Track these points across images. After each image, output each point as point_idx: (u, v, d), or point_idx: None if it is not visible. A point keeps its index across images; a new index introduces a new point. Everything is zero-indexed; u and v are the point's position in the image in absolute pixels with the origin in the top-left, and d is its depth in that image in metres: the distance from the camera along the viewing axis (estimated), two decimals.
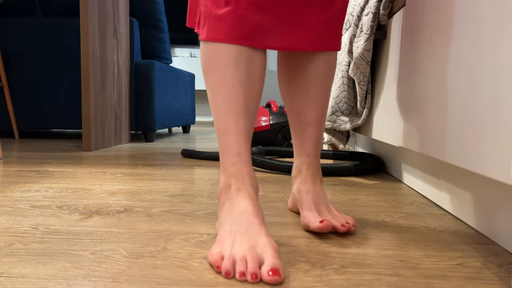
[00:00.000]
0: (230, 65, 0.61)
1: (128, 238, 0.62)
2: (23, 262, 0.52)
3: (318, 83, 0.70)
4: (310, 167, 0.71)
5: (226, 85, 0.61)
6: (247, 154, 0.62)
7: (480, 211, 0.67)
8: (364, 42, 1.13)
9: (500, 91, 0.51)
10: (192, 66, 5.13)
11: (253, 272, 0.47)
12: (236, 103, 0.61)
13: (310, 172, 0.71)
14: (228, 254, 0.50)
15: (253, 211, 0.56)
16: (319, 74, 0.70)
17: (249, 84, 0.62)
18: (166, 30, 2.48)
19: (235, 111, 0.61)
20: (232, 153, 0.61)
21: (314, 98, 0.71)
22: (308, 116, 0.71)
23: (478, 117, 0.57)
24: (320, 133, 0.73)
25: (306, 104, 0.71)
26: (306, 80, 0.70)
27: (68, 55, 2.20)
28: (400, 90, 0.97)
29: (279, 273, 0.47)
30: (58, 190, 0.95)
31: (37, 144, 2.04)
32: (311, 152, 0.72)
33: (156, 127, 2.26)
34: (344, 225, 0.63)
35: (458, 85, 0.64)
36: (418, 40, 0.85)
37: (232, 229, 0.54)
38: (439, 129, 0.72)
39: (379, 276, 0.49)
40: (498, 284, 0.47)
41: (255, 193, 0.60)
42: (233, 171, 0.60)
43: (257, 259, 0.49)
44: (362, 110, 1.24)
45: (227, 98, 0.61)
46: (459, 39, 0.64)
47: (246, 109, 0.62)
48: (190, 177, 1.14)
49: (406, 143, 0.91)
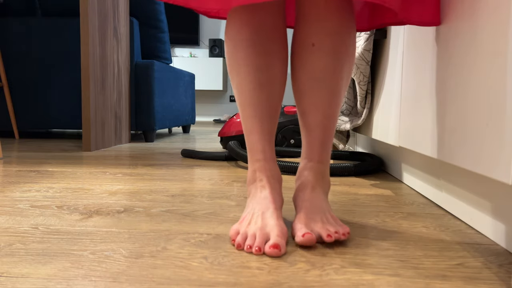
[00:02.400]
0: (249, 65, 0.66)
1: (128, 238, 0.62)
2: (23, 262, 0.52)
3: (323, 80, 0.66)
4: (311, 173, 0.68)
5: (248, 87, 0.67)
6: (270, 152, 0.68)
7: (480, 211, 0.67)
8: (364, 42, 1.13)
9: (500, 91, 0.51)
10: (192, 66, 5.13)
11: (258, 246, 0.56)
12: (260, 105, 0.67)
13: (310, 178, 0.67)
14: (242, 231, 0.59)
15: (271, 198, 0.64)
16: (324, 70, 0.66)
17: (269, 84, 0.67)
18: (166, 30, 2.48)
19: (259, 112, 0.67)
20: (257, 151, 0.68)
21: (319, 97, 0.67)
22: (312, 118, 0.68)
23: (478, 117, 0.57)
24: (326, 137, 0.68)
25: (311, 105, 0.67)
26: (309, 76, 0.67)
27: (68, 55, 2.20)
28: (400, 90, 0.97)
29: (279, 247, 0.55)
30: (58, 190, 0.95)
31: (37, 144, 2.04)
32: (313, 156, 0.68)
33: (156, 127, 2.26)
34: (331, 235, 0.59)
35: (458, 85, 0.64)
36: (418, 40, 0.85)
37: (251, 211, 0.63)
38: (439, 129, 0.72)
39: (379, 276, 0.49)
40: (498, 284, 0.47)
41: (277, 183, 0.67)
42: (258, 166, 0.67)
43: (265, 237, 0.57)
44: (362, 110, 1.24)
45: (250, 100, 0.67)
46: (459, 39, 0.64)
47: (268, 109, 0.67)
48: (190, 177, 1.14)
49: (406, 143, 0.91)
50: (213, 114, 5.64)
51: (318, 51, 0.66)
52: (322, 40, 0.65)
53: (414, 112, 0.86)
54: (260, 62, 0.66)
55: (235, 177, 1.15)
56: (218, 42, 5.19)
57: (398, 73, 0.99)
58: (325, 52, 0.65)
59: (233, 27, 0.67)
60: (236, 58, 0.67)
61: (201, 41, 5.50)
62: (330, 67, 0.66)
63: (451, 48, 0.67)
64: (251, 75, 0.66)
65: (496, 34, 0.53)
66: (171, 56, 4.28)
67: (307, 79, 0.67)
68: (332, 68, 0.66)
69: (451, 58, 0.67)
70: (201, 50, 5.51)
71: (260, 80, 0.66)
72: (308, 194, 0.66)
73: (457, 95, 0.64)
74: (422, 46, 0.82)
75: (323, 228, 0.60)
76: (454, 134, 0.65)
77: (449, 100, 0.68)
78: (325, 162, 0.69)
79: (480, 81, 0.57)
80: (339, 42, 0.66)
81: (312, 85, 0.67)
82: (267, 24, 0.66)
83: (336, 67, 0.66)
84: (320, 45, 0.65)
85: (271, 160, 0.68)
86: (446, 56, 0.69)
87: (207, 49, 5.49)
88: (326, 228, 0.60)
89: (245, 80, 0.67)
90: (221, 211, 0.78)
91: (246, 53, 0.66)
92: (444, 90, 0.70)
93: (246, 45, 0.66)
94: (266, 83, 0.66)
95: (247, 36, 0.66)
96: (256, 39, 0.66)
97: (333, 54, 0.66)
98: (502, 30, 0.52)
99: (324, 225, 0.61)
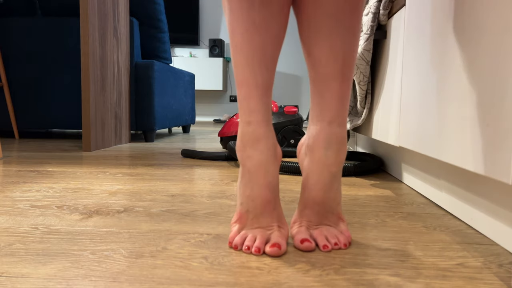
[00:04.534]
0: (243, 3, 0.54)
1: (128, 238, 0.62)
2: (23, 262, 0.52)
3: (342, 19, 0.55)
4: (333, 141, 0.55)
5: (240, 28, 0.54)
6: (263, 112, 0.55)
7: (480, 211, 0.67)
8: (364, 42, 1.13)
9: (501, 90, 0.51)
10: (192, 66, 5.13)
11: (257, 247, 0.54)
12: (252, 50, 0.54)
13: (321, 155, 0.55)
14: (242, 233, 0.57)
15: (267, 195, 0.56)
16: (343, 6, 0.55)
17: (265, 25, 0.54)
18: (166, 30, 2.48)
19: (251, 59, 0.54)
20: (246, 110, 0.55)
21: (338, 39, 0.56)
22: (330, 66, 0.56)
23: (478, 117, 0.57)
24: (345, 91, 0.56)
25: (329, 49, 0.56)
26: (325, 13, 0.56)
27: (68, 55, 2.20)
28: (400, 90, 0.97)
29: (279, 246, 0.53)
30: (58, 190, 0.95)
31: (37, 144, 2.03)
32: (333, 116, 0.55)
33: (156, 127, 2.26)
34: (327, 246, 0.56)
35: (458, 85, 0.64)
36: (418, 40, 0.85)
37: (247, 209, 0.58)
38: (439, 129, 0.72)
39: (379, 276, 0.49)
40: (498, 284, 0.47)
41: (271, 160, 0.56)
42: (247, 131, 0.56)
43: (265, 239, 0.55)
44: (362, 110, 1.24)
45: (241, 45, 0.55)
46: (459, 38, 0.64)
47: (263, 56, 0.55)
48: (190, 177, 1.14)
49: (406, 143, 0.91)
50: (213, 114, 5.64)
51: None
52: None
53: (414, 112, 0.86)
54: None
55: (235, 177, 1.15)
56: (218, 42, 5.19)
57: (398, 73, 0.99)
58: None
59: None
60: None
61: (201, 41, 5.50)
62: (346, 7, 0.55)
63: (451, 48, 0.67)
64: (243, 13, 0.54)
65: (498, 32, 0.53)
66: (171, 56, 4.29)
67: (322, 16, 0.55)
68: (349, 7, 0.56)
69: (451, 58, 0.67)
70: (201, 50, 5.51)
71: (254, 19, 0.54)
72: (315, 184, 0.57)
73: (457, 94, 0.64)
74: (422, 46, 0.82)
75: (322, 235, 0.58)
76: (454, 134, 0.65)
77: (449, 100, 0.68)
78: (344, 125, 0.57)
79: (480, 80, 0.57)
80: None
81: (330, 24, 0.55)
82: None
83: (351, 5, 0.56)
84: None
85: (264, 124, 0.56)
86: (446, 56, 0.69)
87: (207, 49, 5.49)
88: (325, 236, 0.58)
89: (236, 20, 0.55)
90: (221, 211, 0.78)
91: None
92: (444, 90, 0.70)
93: None
94: (261, 23, 0.54)
95: None
96: None
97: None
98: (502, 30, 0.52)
99: (324, 232, 0.58)
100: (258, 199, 0.57)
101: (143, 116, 2.23)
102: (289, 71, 5.43)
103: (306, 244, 0.55)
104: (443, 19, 0.71)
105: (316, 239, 0.58)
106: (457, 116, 0.64)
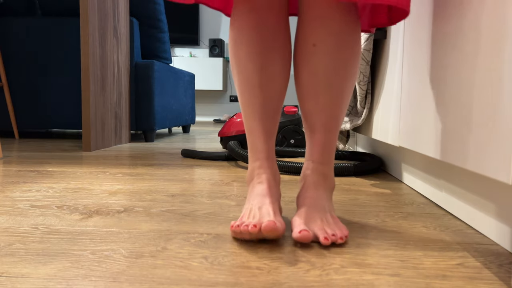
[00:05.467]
0: (248, 65, 0.66)
1: (128, 238, 0.62)
2: (23, 262, 0.52)
3: (326, 81, 0.64)
4: (314, 173, 0.67)
5: (248, 88, 0.67)
6: (267, 151, 0.68)
7: (480, 211, 0.67)
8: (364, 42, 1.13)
9: (501, 90, 0.51)
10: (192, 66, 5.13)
11: (254, 223, 0.58)
12: (260, 105, 0.67)
13: (312, 179, 0.67)
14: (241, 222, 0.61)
15: (267, 193, 0.65)
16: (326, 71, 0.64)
17: (268, 84, 0.67)
18: (166, 30, 2.48)
19: (258, 113, 0.67)
20: (255, 150, 0.69)
21: (322, 98, 0.65)
22: (315, 119, 0.67)
23: (478, 117, 0.57)
24: (329, 139, 0.68)
25: (315, 106, 0.66)
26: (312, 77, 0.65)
27: (68, 55, 2.20)
28: (400, 90, 0.97)
29: (275, 223, 0.56)
30: (58, 190, 0.95)
31: (37, 144, 2.03)
32: (316, 158, 0.68)
33: (156, 127, 2.26)
34: (327, 238, 0.58)
35: (458, 85, 0.64)
36: (418, 40, 0.85)
37: (249, 207, 0.64)
38: (439, 129, 0.72)
39: (379, 276, 0.49)
40: (498, 284, 0.47)
41: (274, 180, 0.68)
42: (256, 165, 0.69)
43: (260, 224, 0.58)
44: (362, 110, 1.24)
45: (249, 101, 0.67)
46: (459, 38, 0.64)
47: (268, 109, 0.67)
48: (190, 177, 1.14)
49: (406, 143, 0.91)
50: (213, 114, 5.64)
51: (320, 52, 0.64)
52: (324, 40, 0.63)
53: (414, 112, 0.86)
54: (261, 61, 0.66)
55: (235, 177, 1.15)
56: (218, 42, 5.19)
57: (398, 73, 0.99)
58: (326, 53, 0.64)
59: (235, 26, 0.68)
60: (238, 57, 0.67)
61: (201, 41, 5.50)
62: (331, 68, 0.64)
63: (451, 47, 0.67)
64: (251, 75, 0.66)
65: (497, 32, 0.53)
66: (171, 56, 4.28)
67: (310, 80, 0.66)
68: (335, 69, 0.64)
69: (451, 58, 0.67)
70: (201, 50, 5.51)
71: (260, 80, 0.66)
72: (311, 193, 0.66)
73: (457, 94, 0.64)
74: (422, 46, 0.82)
75: (321, 229, 0.60)
76: (454, 134, 0.65)
77: (449, 100, 0.68)
78: (327, 163, 0.68)
79: (481, 80, 0.57)
80: (341, 42, 0.63)
81: (315, 86, 0.65)
82: (268, 22, 0.66)
83: (339, 67, 0.64)
84: (321, 45, 0.64)
85: (270, 159, 0.69)
86: (446, 56, 0.69)
87: (207, 49, 5.49)
88: (324, 229, 0.60)
89: (245, 80, 0.67)
90: (221, 211, 0.78)
91: (247, 51, 0.66)
92: (444, 90, 0.70)
93: (247, 44, 0.66)
94: (266, 83, 0.66)
95: (248, 34, 0.66)
96: (257, 37, 0.66)
97: (335, 54, 0.64)
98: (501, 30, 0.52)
99: (322, 226, 0.61)
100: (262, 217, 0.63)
101: (143, 116, 2.23)
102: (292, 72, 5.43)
103: (303, 233, 0.58)
104: (443, 19, 0.71)
105: (316, 233, 0.59)
106: (457, 116, 0.64)
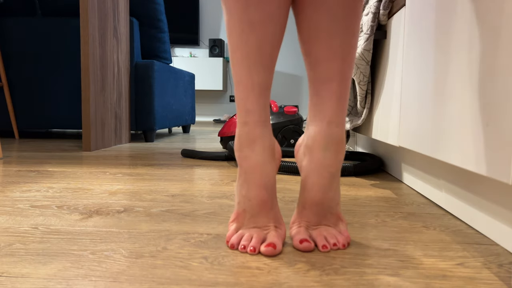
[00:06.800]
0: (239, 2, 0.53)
1: (128, 238, 0.62)
2: (23, 262, 0.52)
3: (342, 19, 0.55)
4: (331, 141, 0.54)
5: (236, 28, 0.54)
6: (259, 112, 0.55)
7: (480, 211, 0.67)
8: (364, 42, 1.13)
9: (501, 90, 0.51)
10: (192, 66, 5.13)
11: (253, 246, 0.54)
12: (248, 49, 0.54)
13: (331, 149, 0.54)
14: (239, 232, 0.57)
15: (263, 195, 0.57)
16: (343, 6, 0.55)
17: (261, 24, 0.53)
18: (166, 30, 2.48)
19: (246, 59, 0.54)
20: (243, 110, 0.55)
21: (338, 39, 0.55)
22: (329, 66, 0.55)
23: (478, 117, 0.57)
24: (344, 91, 0.56)
25: (328, 49, 0.55)
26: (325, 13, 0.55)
27: (68, 55, 2.20)
28: (400, 90, 0.97)
29: (274, 246, 0.53)
30: (58, 190, 0.95)
31: (37, 144, 2.03)
32: (332, 116, 0.55)
33: (156, 127, 2.26)
34: (326, 246, 0.56)
35: (458, 85, 0.64)
36: (418, 40, 0.85)
37: (244, 208, 0.58)
38: (439, 129, 0.72)
39: (379, 276, 0.49)
40: (498, 284, 0.47)
41: (267, 161, 0.56)
42: (243, 132, 0.56)
43: (261, 239, 0.55)
44: (362, 110, 1.24)
45: (238, 44, 0.54)
46: (459, 39, 0.64)
47: (259, 55, 0.54)
48: (190, 177, 1.14)
49: (406, 143, 0.91)
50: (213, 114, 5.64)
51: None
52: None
53: (414, 112, 0.86)
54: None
55: (235, 177, 1.15)
56: (218, 42, 5.19)
57: (398, 73, 0.99)
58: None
59: None
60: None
61: (201, 41, 5.50)
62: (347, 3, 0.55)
63: (451, 47, 0.67)
64: (239, 13, 0.53)
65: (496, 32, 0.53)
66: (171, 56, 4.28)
67: (322, 16, 0.55)
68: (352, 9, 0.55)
69: (451, 57, 0.67)
70: (201, 50, 5.51)
71: (250, 19, 0.53)
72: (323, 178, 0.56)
73: (457, 94, 0.64)
74: (422, 46, 0.82)
75: (321, 236, 0.58)
76: (454, 134, 0.65)
77: (449, 100, 0.68)
78: (343, 125, 0.56)
79: (480, 80, 0.57)
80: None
81: (329, 24, 0.55)
82: None
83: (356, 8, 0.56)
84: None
85: (260, 124, 0.55)
86: (446, 56, 0.69)
87: (207, 49, 5.49)
88: (324, 236, 0.58)
89: (234, 18, 0.54)
90: (221, 211, 0.78)
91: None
92: (444, 89, 0.70)
93: None
94: (258, 23, 0.53)
95: None
96: None
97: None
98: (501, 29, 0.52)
99: (323, 232, 0.58)
100: (255, 199, 0.57)
101: (143, 116, 2.23)
102: (289, 71, 5.43)
103: (305, 244, 0.55)
104: (443, 19, 0.71)
105: (315, 239, 0.58)
106: (457, 116, 0.64)
